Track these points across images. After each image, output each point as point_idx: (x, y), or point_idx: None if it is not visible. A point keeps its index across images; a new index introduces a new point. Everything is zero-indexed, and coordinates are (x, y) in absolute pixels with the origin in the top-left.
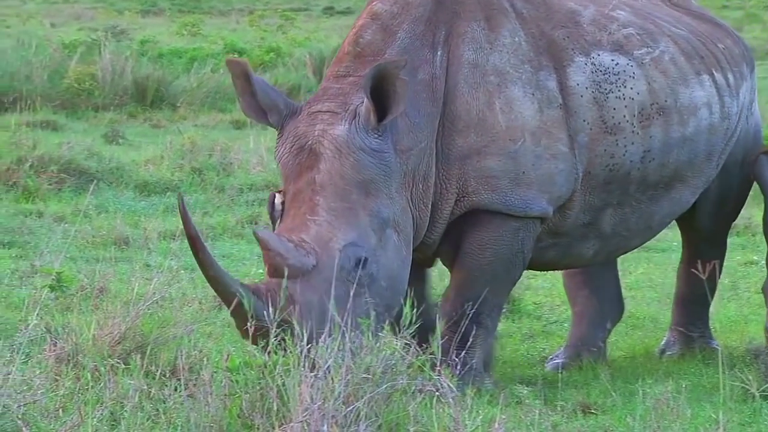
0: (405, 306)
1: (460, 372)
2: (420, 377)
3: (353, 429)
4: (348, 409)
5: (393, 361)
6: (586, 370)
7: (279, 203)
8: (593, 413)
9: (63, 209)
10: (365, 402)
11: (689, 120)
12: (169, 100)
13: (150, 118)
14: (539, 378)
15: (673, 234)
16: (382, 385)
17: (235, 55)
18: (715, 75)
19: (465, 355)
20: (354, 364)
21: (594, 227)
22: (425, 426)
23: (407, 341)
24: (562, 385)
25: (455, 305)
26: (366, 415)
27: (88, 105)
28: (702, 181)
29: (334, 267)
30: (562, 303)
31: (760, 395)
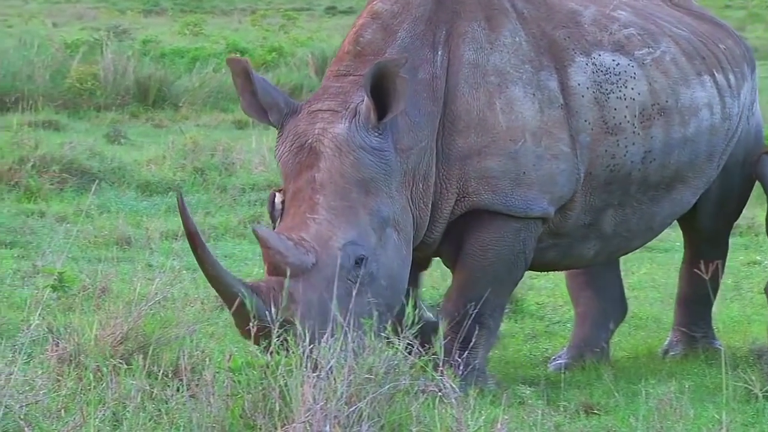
0: (407, 306)
1: (462, 372)
2: (422, 378)
3: (356, 429)
4: (350, 410)
5: (395, 362)
6: (589, 370)
7: (279, 202)
8: (596, 414)
9: (65, 209)
10: (368, 402)
11: (690, 120)
12: (171, 99)
13: (152, 117)
14: (542, 378)
15: (676, 234)
16: (384, 386)
17: (237, 55)
18: (717, 75)
19: (467, 356)
20: (356, 364)
21: (595, 228)
22: (428, 426)
23: (410, 341)
24: (564, 386)
25: (457, 306)
26: (368, 416)
27: (90, 105)
28: (703, 182)
29: (333, 266)
30: (564, 303)
31: (763, 396)
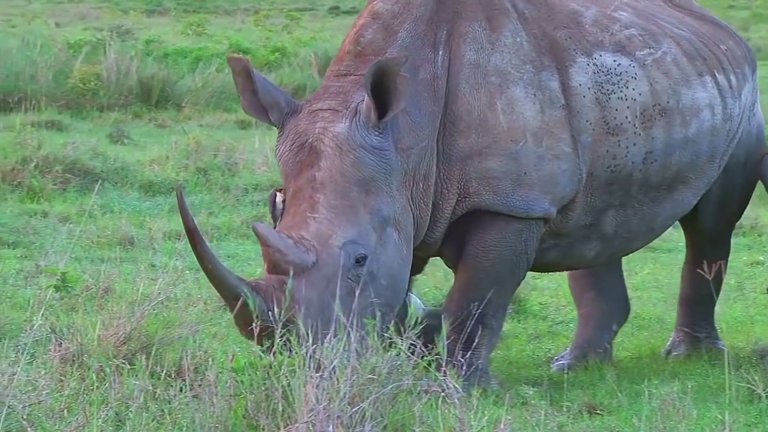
0: (410, 306)
1: (465, 373)
2: (425, 378)
3: (358, 429)
4: (353, 410)
5: (398, 362)
6: (592, 370)
7: (280, 202)
8: (599, 414)
9: (68, 209)
10: (370, 402)
11: (691, 121)
12: (174, 99)
13: (155, 118)
14: (545, 379)
15: (679, 234)
16: (387, 386)
17: (240, 55)
18: (718, 76)
19: (470, 356)
20: (359, 364)
21: (596, 228)
22: (431, 427)
23: (412, 342)
24: (567, 386)
25: (460, 306)
26: (371, 416)
27: (93, 105)
28: (704, 183)
29: (333, 264)
30: (567, 303)
31: (766, 396)
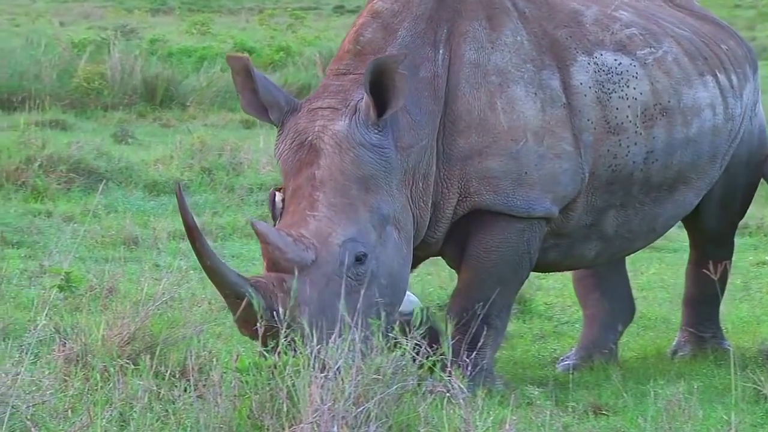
0: (415, 307)
1: (470, 373)
2: (430, 378)
3: (363, 430)
4: (358, 410)
5: (403, 362)
6: (597, 371)
7: (279, 201)
8: (604, 414)
9: (72, 209)
10: (375, 403)
11: (693, 121)
12: (179, 99)
13: (159, 117)
14: (550, 379)
15: (685, 234)
16: (392, 386)
17: (245, 54)
18: (719, 76)
19: (475, 356)
20: (364, 364)
21: (596, 228)
22: (436, 427)
23: (417, 342)
24: (573, 386)
25: (464, 307)
26: (376, 416)
27: (97, 104)
28: (706, 183)
29: (333, 262)
30: (573, 304)
31: None
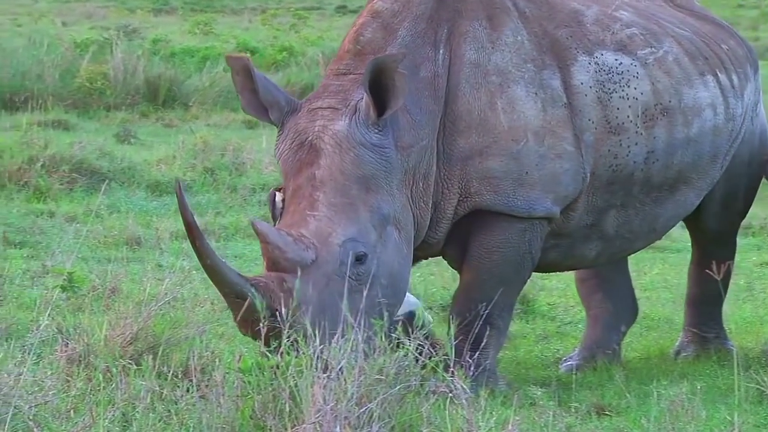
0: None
1: (473, 373)
2: (433, 378)
3: (366, 430)
4: (361, 411)
5: (406, 363)
6: (600, 371)
7: (279, 201)
8: (608, 415)
9: (74, 209)
10: (378, 403)
11: (693, 121)
12: (182, 99)
13: (162, 117)
14: (553, 379)
15: (688, 235)
16: (395, 387)
17: (248, 54)
18: (720, 76)
19: (478, 357)
20: (367, 365)
21: (597, 229)
22: (438, 427)
23: (420, 342)
24: (576, 387)
25: (466, 307)
26: (379, 417)
27: (99, 104)
28: (706, 183)
29: (333, 262)
30: (576, 304)
31: None
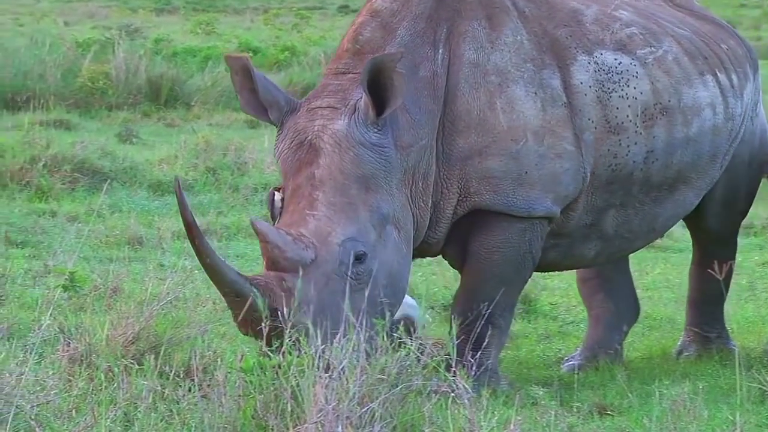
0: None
1: (475, 373)
2: (435, 378)
3: (368, 430)
4: (363, 410)
5: (408, 362)
6: (602, 371)
7: (279, 200)
8: (609, 414)
9: (76, 209)
10: (380, 403)
11: (693, 120)
12: (184, 99)
13: (164, 117)
14: (555, 379)
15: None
16: (397, 386)
17: (250, 54)
18: (719, 75)
19: (480, 356)
20: (369, 364)
21: (596, 228)
22: (440, 427)
23: (422, 342)
24: (578, 386)
25: (468, 307)
26: (381, 416)
27: (101, 104)
28: (706, 183)
29: (332, 261)
30: (578, 304)
31: None
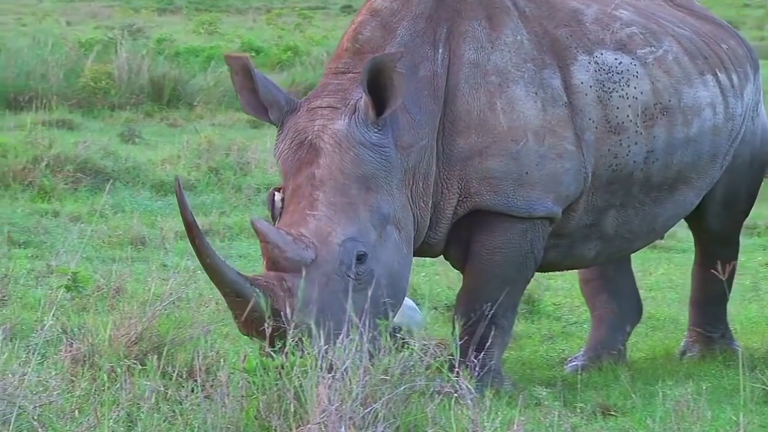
0: (424, 308)
1: (478, 373)
2: (438, 379)
3: (371, 431)
4: (366, 411)
5: (411, 363)
6: (605, 371)
7: (279, 200)
8: (613, 415)
9: (79, 209)
10: (383, 403)
11: (693, 120)
12: (186, 99)
13: (166, 117)
14: (558, 379)
15: None
16: (400, 387)
17: (252, 54)
18: (719, 75)
19: (483, 357)
20: (372, 365)
21: (596, 228)
22: (444, 428)
23: (425, 342)
24: (581, 387)
25: (471, 308)
26: (384, 417)
27: (104, 104)
28: (706, 183)
29: (333, 261)
30: (581, 304)
31: None
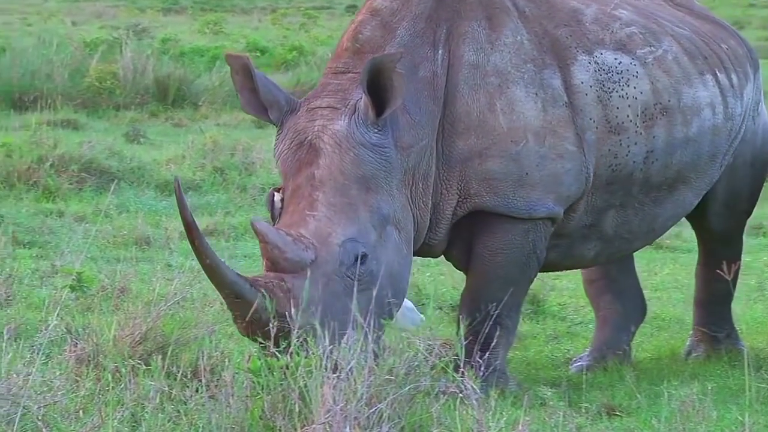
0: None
1: (483, 374)
2: (443, 379)
3: (376, 431)
4: (370, 411)
5: (416, 363)
6: (610, 371)
7: (278, 201)
8: (618, 415)
9: (84, 209)
10: (388, 403)
11: (692, 120)
12: (191, 98)
13: (171, 117)
14: (563, 380)
15: None
16: (405, 387)
17: (258, 54)
18: (719, 75)
19: (488, 357)
20: (377, 365)
21: (596, 229)
22: (448, 428)
23: (430, 342)
24: (586, 387)
25: (475, 308)
26: (389, 417)
27: (109, 104)
28: (705, 183)
29: (333, 262)
30: (586, 304)
31: None
